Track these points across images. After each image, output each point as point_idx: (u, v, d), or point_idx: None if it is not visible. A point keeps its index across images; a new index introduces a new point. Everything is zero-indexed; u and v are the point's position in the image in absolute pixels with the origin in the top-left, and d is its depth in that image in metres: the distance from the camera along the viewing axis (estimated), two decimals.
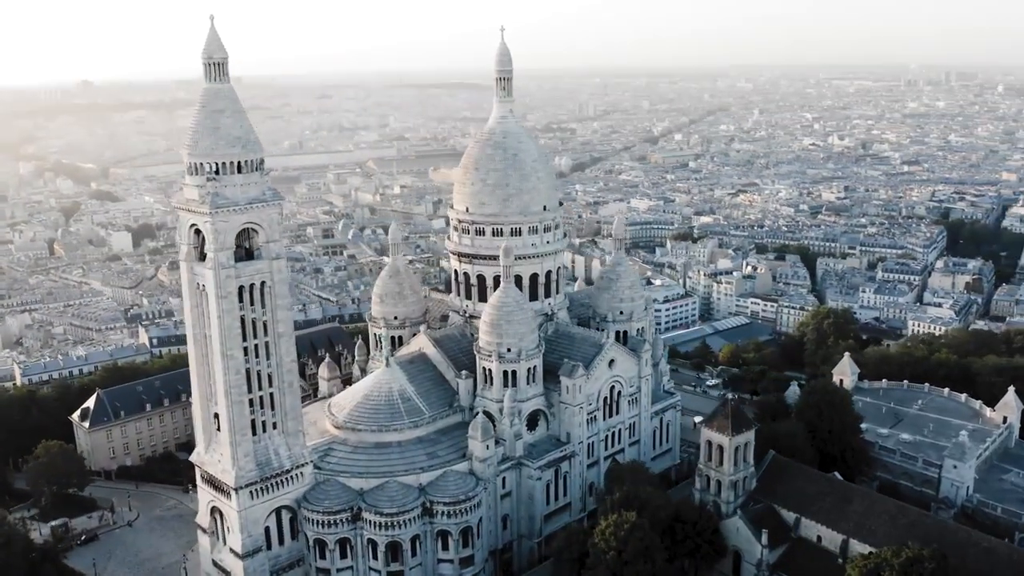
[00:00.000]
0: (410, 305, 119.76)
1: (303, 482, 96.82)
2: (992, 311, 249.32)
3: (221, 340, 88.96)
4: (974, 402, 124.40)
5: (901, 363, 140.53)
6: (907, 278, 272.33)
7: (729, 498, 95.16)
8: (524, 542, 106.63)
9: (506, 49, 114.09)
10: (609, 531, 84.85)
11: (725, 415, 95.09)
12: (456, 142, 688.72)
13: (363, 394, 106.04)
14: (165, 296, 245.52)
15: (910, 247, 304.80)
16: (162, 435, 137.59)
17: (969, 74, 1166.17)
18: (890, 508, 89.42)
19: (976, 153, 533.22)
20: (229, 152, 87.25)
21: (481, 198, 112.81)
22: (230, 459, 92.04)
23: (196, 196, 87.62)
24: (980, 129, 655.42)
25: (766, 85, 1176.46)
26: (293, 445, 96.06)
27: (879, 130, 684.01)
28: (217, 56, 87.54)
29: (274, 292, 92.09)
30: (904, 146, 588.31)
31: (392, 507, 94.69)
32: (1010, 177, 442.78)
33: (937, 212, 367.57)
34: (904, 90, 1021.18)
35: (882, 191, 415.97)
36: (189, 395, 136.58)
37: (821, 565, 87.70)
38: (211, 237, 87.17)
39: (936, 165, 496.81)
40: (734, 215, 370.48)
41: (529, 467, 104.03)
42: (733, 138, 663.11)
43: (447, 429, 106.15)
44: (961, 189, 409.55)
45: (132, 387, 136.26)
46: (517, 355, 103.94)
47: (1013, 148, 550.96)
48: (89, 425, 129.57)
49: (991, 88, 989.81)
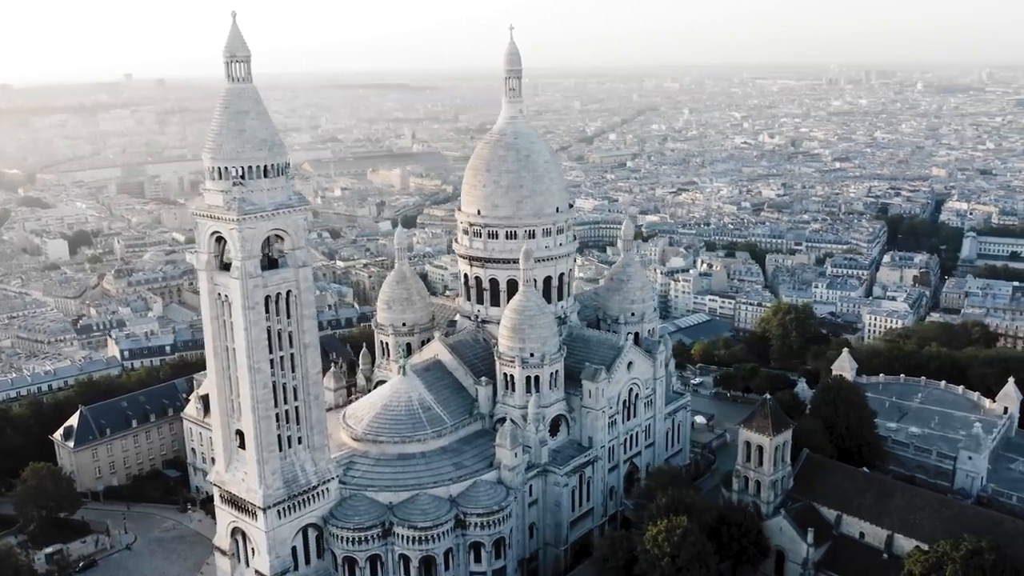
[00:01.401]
0: (418, 311, 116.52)
1: (329, 498, 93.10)
2: (942, 303, 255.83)
3: (248, 353, 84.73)
4: (972, 394, 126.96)
5: (891, 357, 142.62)
6: (856, 273, 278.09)
7: (769, 498, 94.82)
8: (549, 550, 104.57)
9: (515, 48, 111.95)
10: (662, 537, 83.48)
11: (764, 415, 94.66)
12: (391, 143, 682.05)
13: (381, 404, 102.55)
14: (114, 306, 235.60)
15: (854, 242, 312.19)
16: (148, 452, 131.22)
17: (888, 72, 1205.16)
18: (932, 502, 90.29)
19: (903, 150, 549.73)
20: (255, 155, 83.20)
21: (494, 200, 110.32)
22: (256, 477, 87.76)
23: (220, 202, 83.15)
24: (904, 126, 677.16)
25: (692, 85, 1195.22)
26: (319, 460, 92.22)
27: (807, 128, 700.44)
28: (240, 54, 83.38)
29: (300, 301, 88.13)
30: (832, 143, 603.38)
31: (426, 520, 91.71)
32: (940, 173, 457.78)
33: (874, 208, 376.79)
34: (826, 89, 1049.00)
35: (818, 187, 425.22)
36: (176, 409, 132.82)
37: (867, 561, 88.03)
38: (238, 245, 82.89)
39: (866, 161, 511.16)
40: (678, 213, 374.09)
41: (556, 474, 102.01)
42: (666, 137, 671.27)
43: (469, 438, 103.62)
44: (896, 185, 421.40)
45: (116, 403, 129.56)
46: (541, 360, 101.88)
47: (938, 144, 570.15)
48: (74, 444, 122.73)
49: (910, 86, 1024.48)
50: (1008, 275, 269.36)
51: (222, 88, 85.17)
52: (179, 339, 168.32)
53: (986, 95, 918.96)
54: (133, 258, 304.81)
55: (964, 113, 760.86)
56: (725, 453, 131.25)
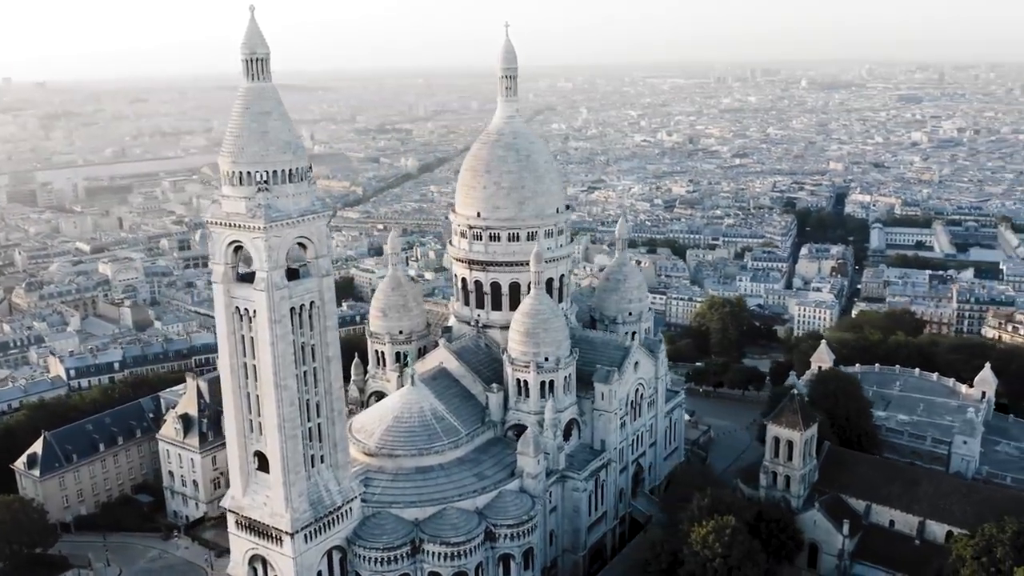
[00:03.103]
0: (415, 318, 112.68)
1: (353, 518, 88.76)
2: (863, 293, 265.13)
3: (274, 369, 79.71)
4: (947, 380, 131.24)
5: (859, 347, 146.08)
6: (775, 265, 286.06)
7: (799, 492, 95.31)
8: (567, 556, 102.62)
9: (511, 46, 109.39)
10: (712, 537, 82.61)
11: (793, 410, 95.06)
12: None
13: (392, 416, 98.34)
14: (28, 321, 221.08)
15: (769, 236, 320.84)
16: (117, 477, 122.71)
17: (773, 70, 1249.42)
18: (959, 487, 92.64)
19: (797, 145, 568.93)
20: (280, 159, 78.22)
21: (495, 202, 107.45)
22: (282, 501, 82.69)
23: (242, 209, 77.86)
24: (795, 122, 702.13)
25: (585, 84, 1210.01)
26: (342, 479, 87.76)
27: (702, 125, 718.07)
28: (260, 51, 78.24)
29: (324, 312, 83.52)
30: (729, 140, 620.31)
31: (458, 535, 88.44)
32: (837, 167, 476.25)
33: (781, 202, 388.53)
34: (715, 87, 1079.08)
35: (724, 183, 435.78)
36: (144, 430, 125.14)
37: (900, 548, 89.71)
38: (263, 255, 77.81)
39: (764, 157, 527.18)
40: (593, 211, 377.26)
41: (575, 479, 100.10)
42: (567, 136, 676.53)
43: (483, 447, 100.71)
44: (799, 180, 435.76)
45: (81, 427, 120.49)
46: (556, 364, 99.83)
47: (829, 139, 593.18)
48: (40, 473, 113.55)
49: (795, 83, 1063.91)
50: (919, 264, 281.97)
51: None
52: (128, 355, 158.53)
53: (868, 91, 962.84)
54: (38, 270, 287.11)
55: (850, 109, 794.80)
56: (714, 449, 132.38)
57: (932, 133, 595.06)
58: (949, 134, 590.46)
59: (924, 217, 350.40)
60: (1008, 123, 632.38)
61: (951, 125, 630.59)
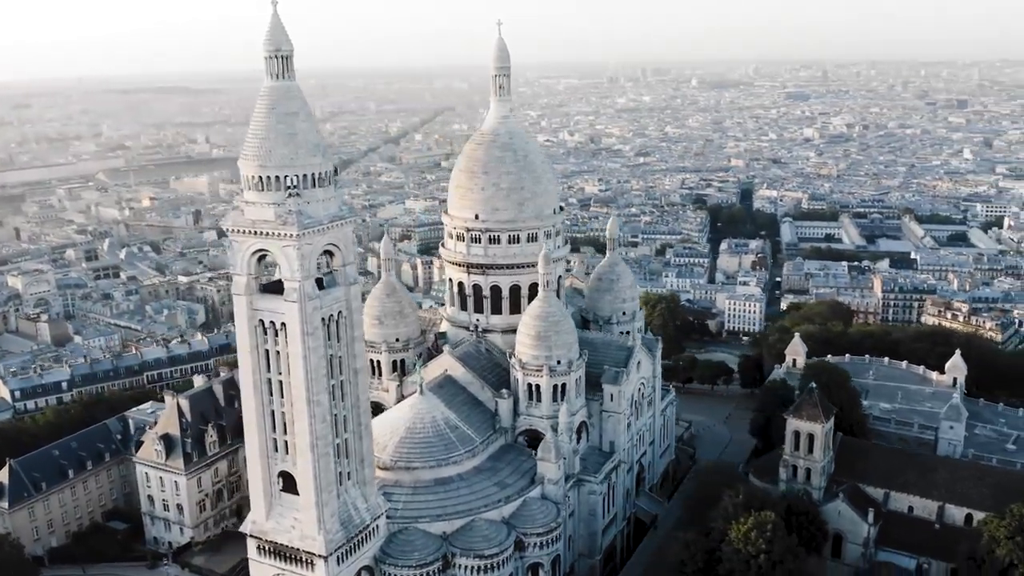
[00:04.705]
0: (411, 325, 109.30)
1: (379, 536, 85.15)
2: (785, 286, 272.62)
3: (307, 384, 75.49)
4: (916, 368, 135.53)
5: (825, 339, 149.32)
6: (698, 261, 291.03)
7: (819, 484, 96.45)
8: (583, 561, 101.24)
9: (503, 45, 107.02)
10: (754, 533, 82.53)
11: (812, 404, 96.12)
12: (188, 149, 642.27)
13: (405, 427, 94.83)
14: None
15: (686, 232, 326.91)
16: (88, 505, 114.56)
17: (663, 70, 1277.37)
18: (973, 471, 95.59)
19: (695, 143, 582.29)
20: (310, 162, 73.97)
21: (494, 204, 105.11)
22: (315, 522, 78.45)
23: (270, 216, 73.30)
24: (691, 120, 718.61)
25: (480, 84, 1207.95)
26: (369, 496, 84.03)
27: (601, 125, 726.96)
28: (285, 48, 73.78)
29: (351, 322, 79.65)
30: (630, 139, 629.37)
31: (491, 547, 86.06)
32: (739, 163, 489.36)
33: (690, 199, 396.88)
34: (608, 87, 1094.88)
35: (633, 182, 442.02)
36: (113, 453, 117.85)
37: (921, 533, 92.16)
38: (295, 264, 73.51)
39: (666, 155, 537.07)
40: None
41: (592, 482, 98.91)
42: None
43: (496, 454, 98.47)
44: (705, 176, 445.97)
45: (47, 452, 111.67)
46: (568, 367, 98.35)
47: (725, 137, 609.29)
48: (8, 504, 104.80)
49: (685, 82, 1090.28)
50: (832, 256, 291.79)
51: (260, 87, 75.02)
52: (77, 374, 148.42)
53: (756, 89, 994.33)
54: None
55: (741, 107, 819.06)
56: (697, 445, 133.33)
57: (823, 129, 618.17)
58: (839, 130, 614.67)
59: (830, 210, 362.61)
60: (894, 118, 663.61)
61: (840, 121, 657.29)
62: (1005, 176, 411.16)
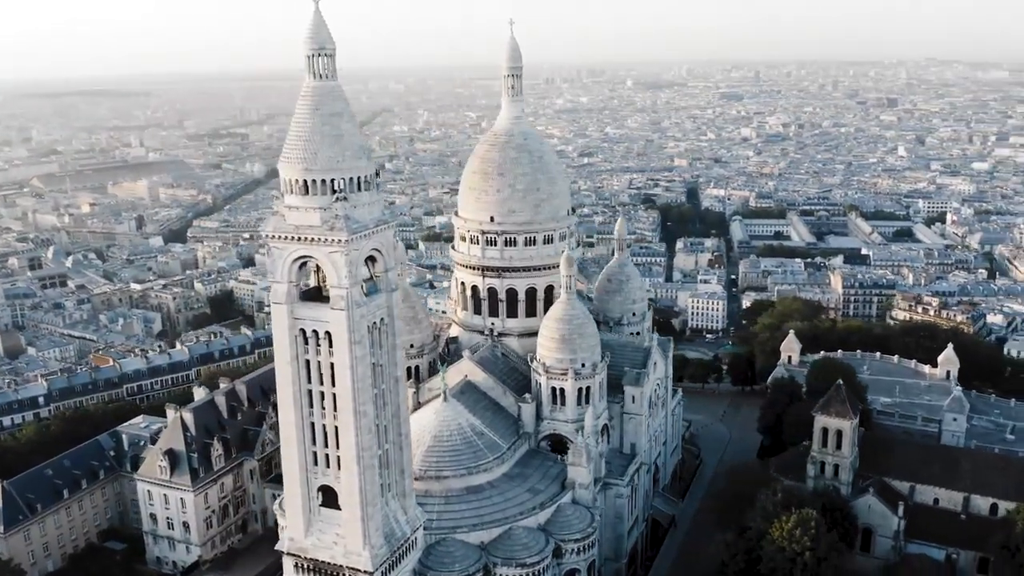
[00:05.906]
0: (424, 331, 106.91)
1: (418, 548, 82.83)
2: (743, 283, 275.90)
3: (353, 395, 72.88)
4: (908, 362, 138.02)
5: (814, 336, 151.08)
6: (655, 260, 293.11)
7: (847, 480, 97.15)
8: (609, 564, 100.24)
9: (516, 44, 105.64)
10: (798, 531, 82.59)
11: (840, 400, 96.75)
12: (123, 153, 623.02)
13: (431, 436, 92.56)
14: None
15: (640, 231, 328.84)
16: (83, 525, 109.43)
17: (598, 71, 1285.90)
18: (995, 462, 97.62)
19: (636, 143, 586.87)
20: (356, 165, 71.42)
21: (510, 205, 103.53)
22: (360, 538, 75.79)
23: (316, 220, 70.47)
24: (630, 121, 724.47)
25: (417, 86, 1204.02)
26: (408, 507, 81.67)
27: (541, 126, 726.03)
28: (329, 47, 71.06)
29: (392, 329, 77.21)
30: (571, 140, 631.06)
31: (531, 555, 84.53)
32: (682, 163, 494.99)
33: (639, 198, 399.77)
34: (545, 88, 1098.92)
35: (580, 182, 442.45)
36: (108, 471, 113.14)
37: (948, 524, 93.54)
38: (343, 271, 70.84)
39: (609, 156, 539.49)
40: None
41: (619, 485, 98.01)
42: (412, 139, 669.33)
43: (523, 460, 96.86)
44: (652, 176, 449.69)
45: (39, 472, 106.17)
46: (592, 370, 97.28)
47: (665, 137, 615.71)
48: (3, 528, 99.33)
49: (620, 83, 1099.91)
50: (784, 253, 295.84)
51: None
52: (54, 388, 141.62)
53: (690, 89, 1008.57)
54: None
55: (678, 107, 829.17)
56: (701, 444, 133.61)
57: (759, 129, 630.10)
58: (775, 129, 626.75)
59: (778, 208, 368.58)
60: (827, 117, 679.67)
61: (776, 120, 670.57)
62: (941, 172, 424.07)
